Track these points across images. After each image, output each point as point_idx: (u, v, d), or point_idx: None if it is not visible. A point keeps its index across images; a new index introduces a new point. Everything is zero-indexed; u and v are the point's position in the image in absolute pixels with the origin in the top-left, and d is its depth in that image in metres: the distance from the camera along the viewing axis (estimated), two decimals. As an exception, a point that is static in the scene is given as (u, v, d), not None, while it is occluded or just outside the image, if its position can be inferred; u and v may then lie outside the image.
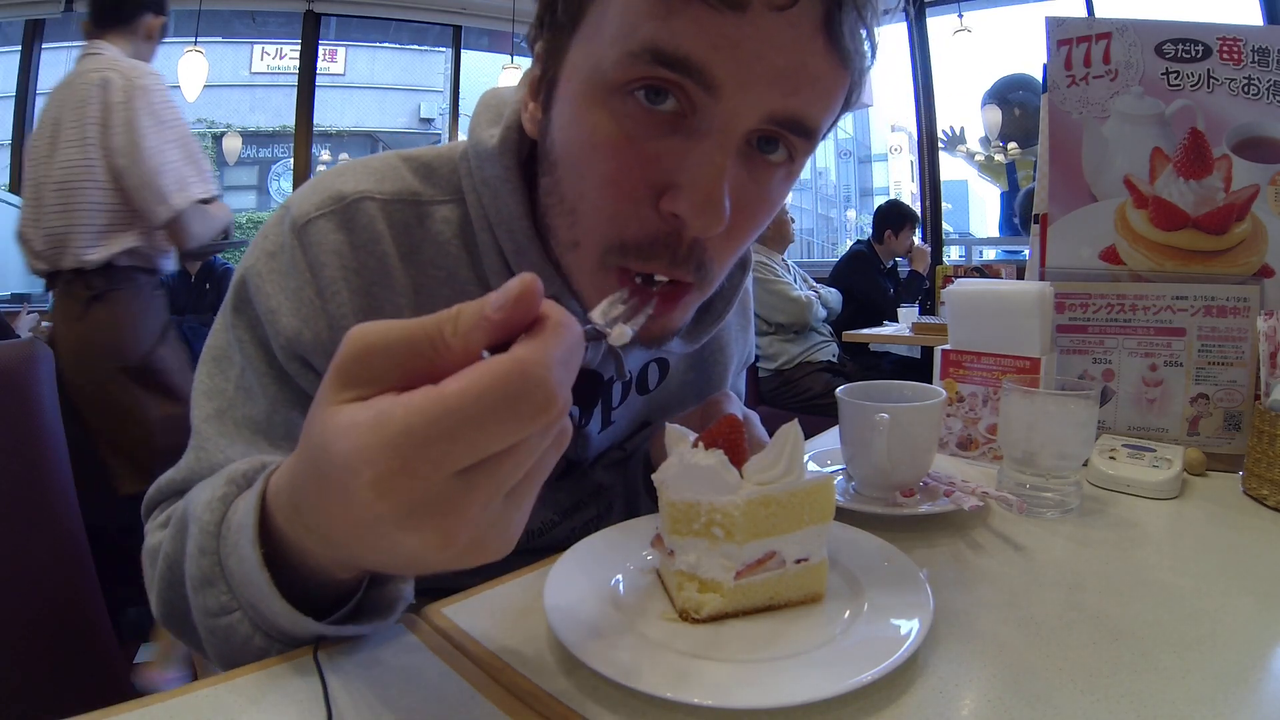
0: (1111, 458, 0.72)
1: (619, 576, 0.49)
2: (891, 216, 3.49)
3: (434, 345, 0.25)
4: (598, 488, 0.69)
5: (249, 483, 0.40)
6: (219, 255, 3.08)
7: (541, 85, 0.48)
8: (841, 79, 0.43)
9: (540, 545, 0.66)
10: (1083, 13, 3.81)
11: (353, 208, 0.51)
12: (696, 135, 0.41)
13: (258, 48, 9.53)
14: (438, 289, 0.53)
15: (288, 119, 4.93)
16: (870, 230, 3.59)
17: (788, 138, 0.44)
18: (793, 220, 3.12)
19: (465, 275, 0.54)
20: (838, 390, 0.66)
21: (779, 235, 3.07)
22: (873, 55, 0.44)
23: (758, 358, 2.99)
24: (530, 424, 0.25)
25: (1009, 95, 5.73)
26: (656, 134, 0.41)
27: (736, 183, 0.42)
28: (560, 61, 0.45)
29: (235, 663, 0.39)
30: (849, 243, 4.34)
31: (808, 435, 0.51)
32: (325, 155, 8.86)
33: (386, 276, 0.52)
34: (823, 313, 3.02)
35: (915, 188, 5.01)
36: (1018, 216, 4.09)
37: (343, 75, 10.08)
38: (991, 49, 4.78)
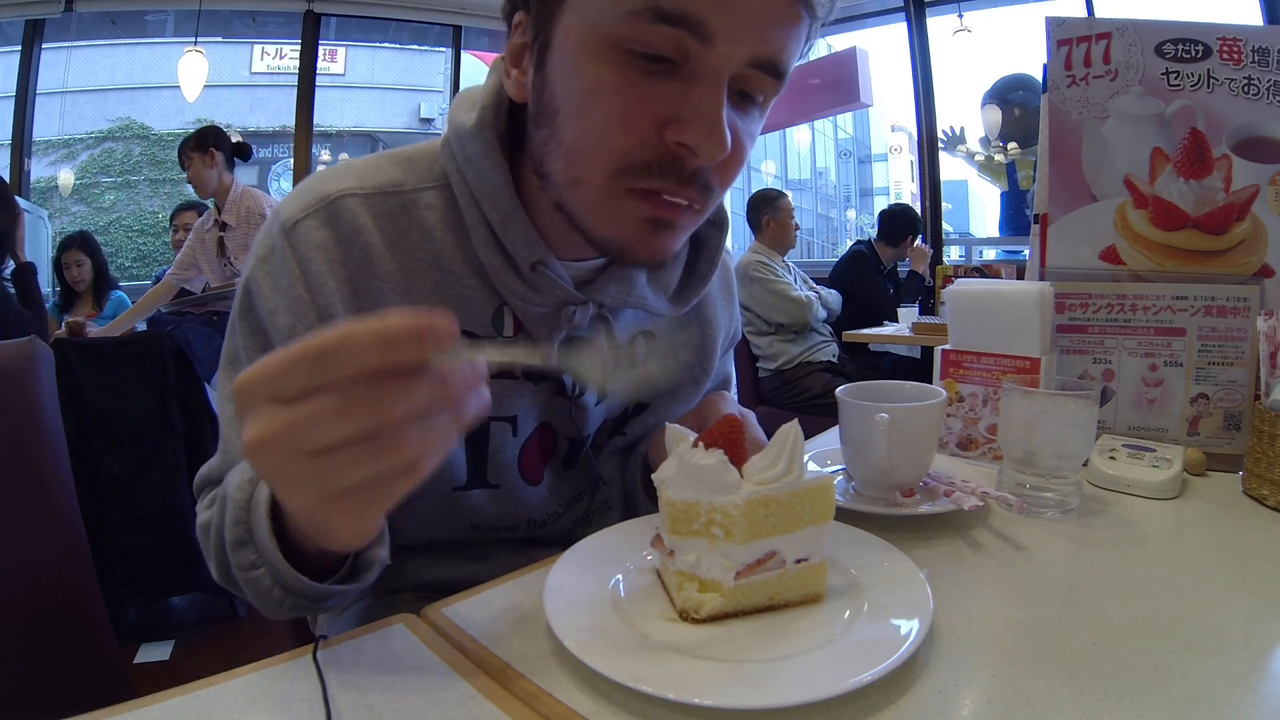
0: (1111, 458, 0.72)
1: (619, 576, 0.49)
2: (905, 221, 3.49)
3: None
4: (598, 480, 0.71)
5: None
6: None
7: (530, 49, 0.52)
8: (805, 27, 0.50)
9: (544, 535, 0.69)
10: (1083, 13, 3.81)
11: (335, 205, 0.55)
12: (693, 78, 0.47)
13: (258, 48, 9.50)
14: (425, 272, 0.57)
15: (288, 119, 4.93)
16: (875, 232, 3.57)
17: (764, 80, 0.50)
18: (797, 226, 3.11)
19: (451, 256, 0.57)
20: (838, 390, 0.66)
21: (780, 237, 3.06)
22: (831, 7, 0.50)
23: (757, 358, 2.99)
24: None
25: (1009, 95, 5.72)
26: (655, 79, 0.47)
27: (728, 118, 0.48)
28: (553, 25, 0.49)
29: (267, 607, 0.48)
30: (849, 243, 4.33)
31: (808, 435, 0.51)
32: (325, 155, 8.84)
33: (371, 265, 0.55)
34: (823, 313, 3.02)
35: (915, 188, 5.01)
36: (1030, 208, 4.07)
37: (343, 75, 10.06)
38: (991, 49, 4.78)
